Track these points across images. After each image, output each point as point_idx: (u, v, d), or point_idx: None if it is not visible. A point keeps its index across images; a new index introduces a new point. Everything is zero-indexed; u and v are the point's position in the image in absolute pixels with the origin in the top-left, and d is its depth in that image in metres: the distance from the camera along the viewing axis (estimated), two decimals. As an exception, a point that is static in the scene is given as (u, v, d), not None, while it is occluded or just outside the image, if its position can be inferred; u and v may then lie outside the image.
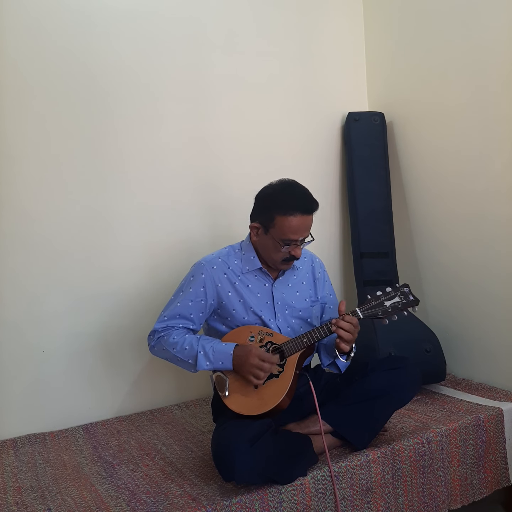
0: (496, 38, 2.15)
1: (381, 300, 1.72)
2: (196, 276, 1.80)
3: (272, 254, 1.76)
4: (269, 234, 1.73)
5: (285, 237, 1.70)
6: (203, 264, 1.81)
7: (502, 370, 2.24)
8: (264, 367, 1.64)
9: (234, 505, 1.51)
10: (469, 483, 1.91)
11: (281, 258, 1.76)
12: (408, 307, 1.73)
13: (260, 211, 1.77)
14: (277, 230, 1.70)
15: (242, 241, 1.89)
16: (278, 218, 1.69)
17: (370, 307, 1.72)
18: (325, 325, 1.71)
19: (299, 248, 1.74)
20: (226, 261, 1.82)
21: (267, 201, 1.75)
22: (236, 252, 1.85)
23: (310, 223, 1.73)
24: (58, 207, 2.17)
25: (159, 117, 2.34)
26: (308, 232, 1.74)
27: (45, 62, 2.13)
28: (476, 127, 2.26)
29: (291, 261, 1.79)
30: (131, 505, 1.54)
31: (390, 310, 1.71)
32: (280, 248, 1.72)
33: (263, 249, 1.79)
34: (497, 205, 2.21)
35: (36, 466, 1.86)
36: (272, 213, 1.71)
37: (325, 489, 1.63)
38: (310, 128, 2.69)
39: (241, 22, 2.51)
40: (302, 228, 1.71)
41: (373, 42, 2.79)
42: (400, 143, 2.68)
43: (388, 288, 1.74)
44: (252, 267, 1.82)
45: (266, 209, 1.73)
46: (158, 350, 1.79)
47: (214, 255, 1.85)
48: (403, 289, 1.74)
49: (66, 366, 2.20)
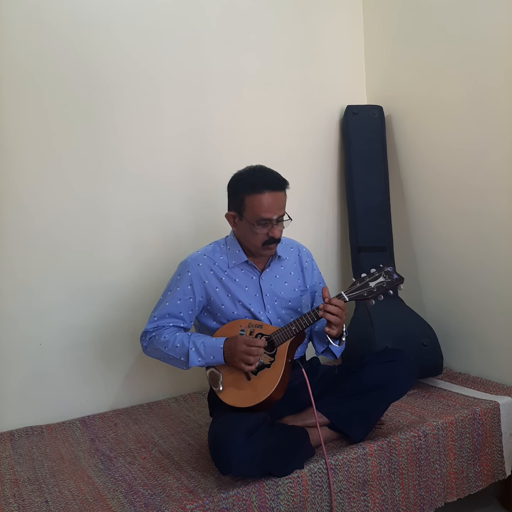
0: (495, 33, 2.14)
1: (365, 281, 1.72)
2: (183, 274, 1.80)
3: (251, 239, 1.76)
4: (244, 218, 1.74)
5: (258, 217, 1.70)
6: (189, 262, 1.82)
7: (499, 364, 2.25)
8: (252, 351, 1.64)
9: (231, 497, 1.51)
10: (465, 476, 1.92)
11: (260, 242, 1.75)
12: (393, 286, 1.72)
13: (232, 198, 1.79)
14: (249, 211, 1.71)
15: (226, 237, 1.89)
16: (247, 198, 1.70)
17: (355, 289, 1.72)
18: (312, 311, 1.71)
19: (276, 228, 1.73)
20: (212, 257, 1.83)
21: (235, 186, 1.78)
22: (222, 248, 1.85)
23: (281, 201, 1.73)
24: (56, 200, 2.16)
25: (159, 112, 2.33)
26: (282, 211, 1.74)
27: (45, 55, 2.11)
28: (475, 122, 2.26)
29: (272, 244, 1.77)
30: (128, 498, 1.54)
31: (376, 290, 1.71)
32: (256, 230, 1.72)
33: (243, 237, 1.80)
34: (495, 200, 2.21)
35: (33, 459, 1.86)
36: (241, 196, 1.73)
37: (321, 482, 1.63)
38: (308, 121, 2.68)
39: (240, 16, 2.49)
40: (274, 205, 1.70)
41: (372, 35, 2.78)
42: (399, 137, 2.67)
43: (372, 269, 1.74)
44: (238, 261, 1.82)
45: (236, 193, 1.76)
46: (151, 350, 1.80)
47: (199, 252, 1.85)
48: (387, 268, 1.74)
49: (63, 358, 2.20)
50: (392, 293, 1.75)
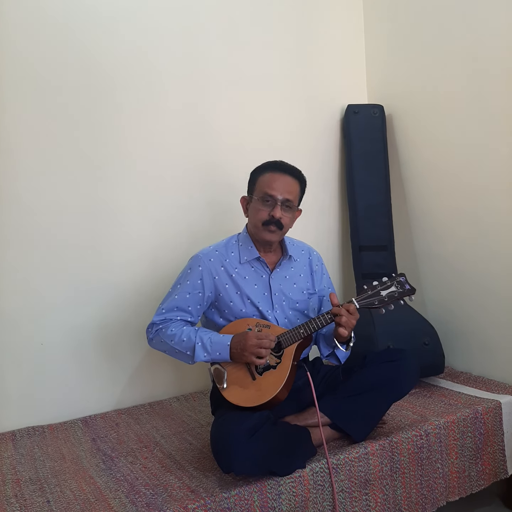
0: (496, 32, 2.13)
1: (377, 290, 1.73)
2: (194, 268, 1.80)
3: (254, 217, 1.79)
4: (253, 198, 1.80)
5: (263, 192, 1.76)
6: (200, 257, 1.82)
7: (500, 363, 2.24)
8: (264, 343, 1.64)
9: (233, 497, 1.51)
10: (467, 475, 1.92)
11: (261, 219, 1.76)
12: (405, 296, 1.73)
13: (248, 184, 1.86)
14: (258, 189, 1.79)
15: (239, 233, 1.89)
16: (259, 178, 1.80)
17: (366, 296, 1.73)
18: (321, 316, 1.71)
19: (278, 208, 1.75)
20: (223, 253, 1.83)
21: (253, 172, 1.86)
22: (234, 244, 1.86)
23: (290, 185, 1.78)
24: (58, 199, 2.16)
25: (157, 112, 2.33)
26: (290, 195, 1.77)
27: (46, 51, 2.11)
28: (476, 121, 2.25)
29: (272, 226, 1.76)
30: (130, 497, 1.54)
31: (387, 300, 1.72)
32: (260, 206, 1.76)
33: (250, 220, 1.83)
34: (496, 199, 2.21)
35: (35, 459, 1.86)
36: (254, 178, 1.82)
37: (323, 481, 1.63)
38: (309, 120, 2.68)
39: (241, 15, 2.49)
40: (281, 186, 1.75)
41: (373, 34, 2.78)
42: (400, 136, 2.67)
43: (384, 278, 1.75)
44: (250, 257, 1.82)
45: (252, 178, 1.85)
46: (156, 343, 1.79)
47: (211, 248, 1.85)
48: (399, 278, 1.75)
49: (64, 358, 2.20)
50: (404, 303, 1.75)
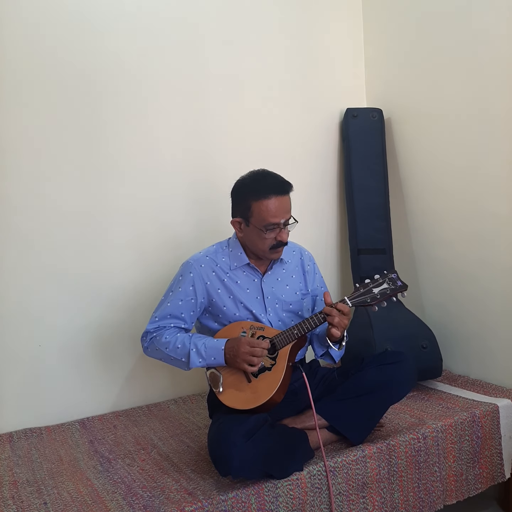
0: (495, 35, 2.14)
1: (369, 287, 1.73)
2: (185, 275, 1.80)
3: (259, 244, 1.76)
4: (251, 224, 1.74)
5: (266, 222, 1.70)
6: (191, 263, 1.82)
7: (498, 367, 2.24)
8: (256, 352, 1.64)
9: (230, 499, 1.51)
10: (465, 479, 1.92)
11: (268, 246, 1.75)
12: (397, 293, 1.73)
13: (237, 204, 1.79)
14: (256, 217, 1.71)
15: (229, 238, 1.89)
16: (254, 204, 1.71)
17: (359, 294, 1.73)
18: (314, 316, 1.71)
19: (284, 232, 1.74)
20: (214, 259, 1.83)
21: (240, 192, 1.78)
22: (224, 249, 1.86)
23: (287, 204, 1.74)
24: (53, 202, 2.16)
25: (155, 113, 2.33)
26: (288, 214, 1.74)
27: (41, 55, 2.11)
28: (475, 124, 2.26)
29: (280, 248, 1.78)
30: (127, 500, 1.54)
31: (379, 297, 1.71)
32: (264, 235, 1.72)
33: (249, 242, 1.79)
34: (495, 201, 2.21)
35: (32, 461, 1.86)
36: (247, 202, 1.72)
37: (321, 484, 1.63)
38: (308, 124, 2.68)
39: (240, 18, 2.49)
40: (280, 209, 1.71)
41: (372, 38, 2.78)
42: (398, 139, 2.67)
43: (376, 275, 1.75)
44: (240, 263, 1.82)
45: (241, 200, 1.76)
46: (152, 351, 1.80)
47: (202, 253, 1.85)
48: (391, 275, 1.75)
49: (62, 360, 2.20)
50: (396, 300, 1.75)
